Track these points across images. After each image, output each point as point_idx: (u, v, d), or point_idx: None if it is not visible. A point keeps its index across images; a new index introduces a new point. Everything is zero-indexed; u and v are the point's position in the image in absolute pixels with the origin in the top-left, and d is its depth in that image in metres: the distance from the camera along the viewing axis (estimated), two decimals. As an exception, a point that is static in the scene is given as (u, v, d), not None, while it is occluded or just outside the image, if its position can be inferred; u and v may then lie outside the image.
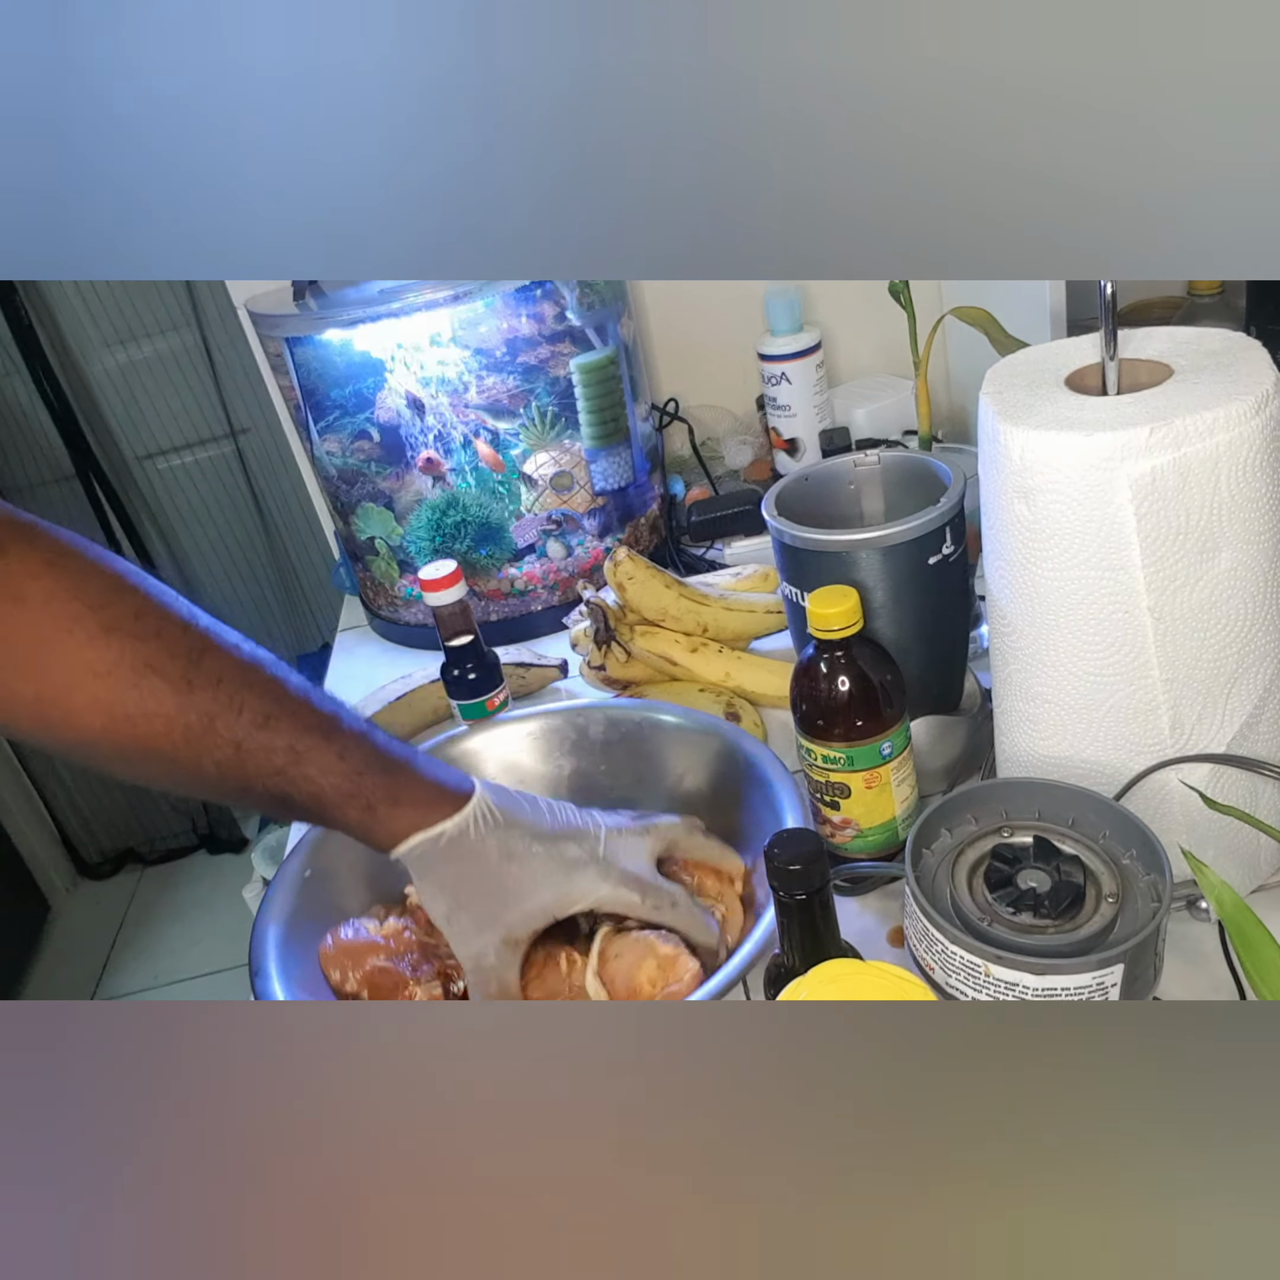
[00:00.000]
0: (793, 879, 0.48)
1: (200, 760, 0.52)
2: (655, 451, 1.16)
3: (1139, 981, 0.48)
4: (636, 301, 1.19)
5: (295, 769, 0.53)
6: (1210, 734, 0.56)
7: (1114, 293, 0.54)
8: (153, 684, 0.50)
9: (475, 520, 1.03)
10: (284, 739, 0.53)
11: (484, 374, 0.98)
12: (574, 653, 0.93)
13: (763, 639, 0.92)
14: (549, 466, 1.03)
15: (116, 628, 0.50)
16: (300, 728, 0.53)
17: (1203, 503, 0.51)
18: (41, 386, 1.88)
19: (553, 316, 0.99)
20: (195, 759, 0.51)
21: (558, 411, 1.02)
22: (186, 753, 0.51)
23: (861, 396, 1.19)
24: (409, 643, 1.11)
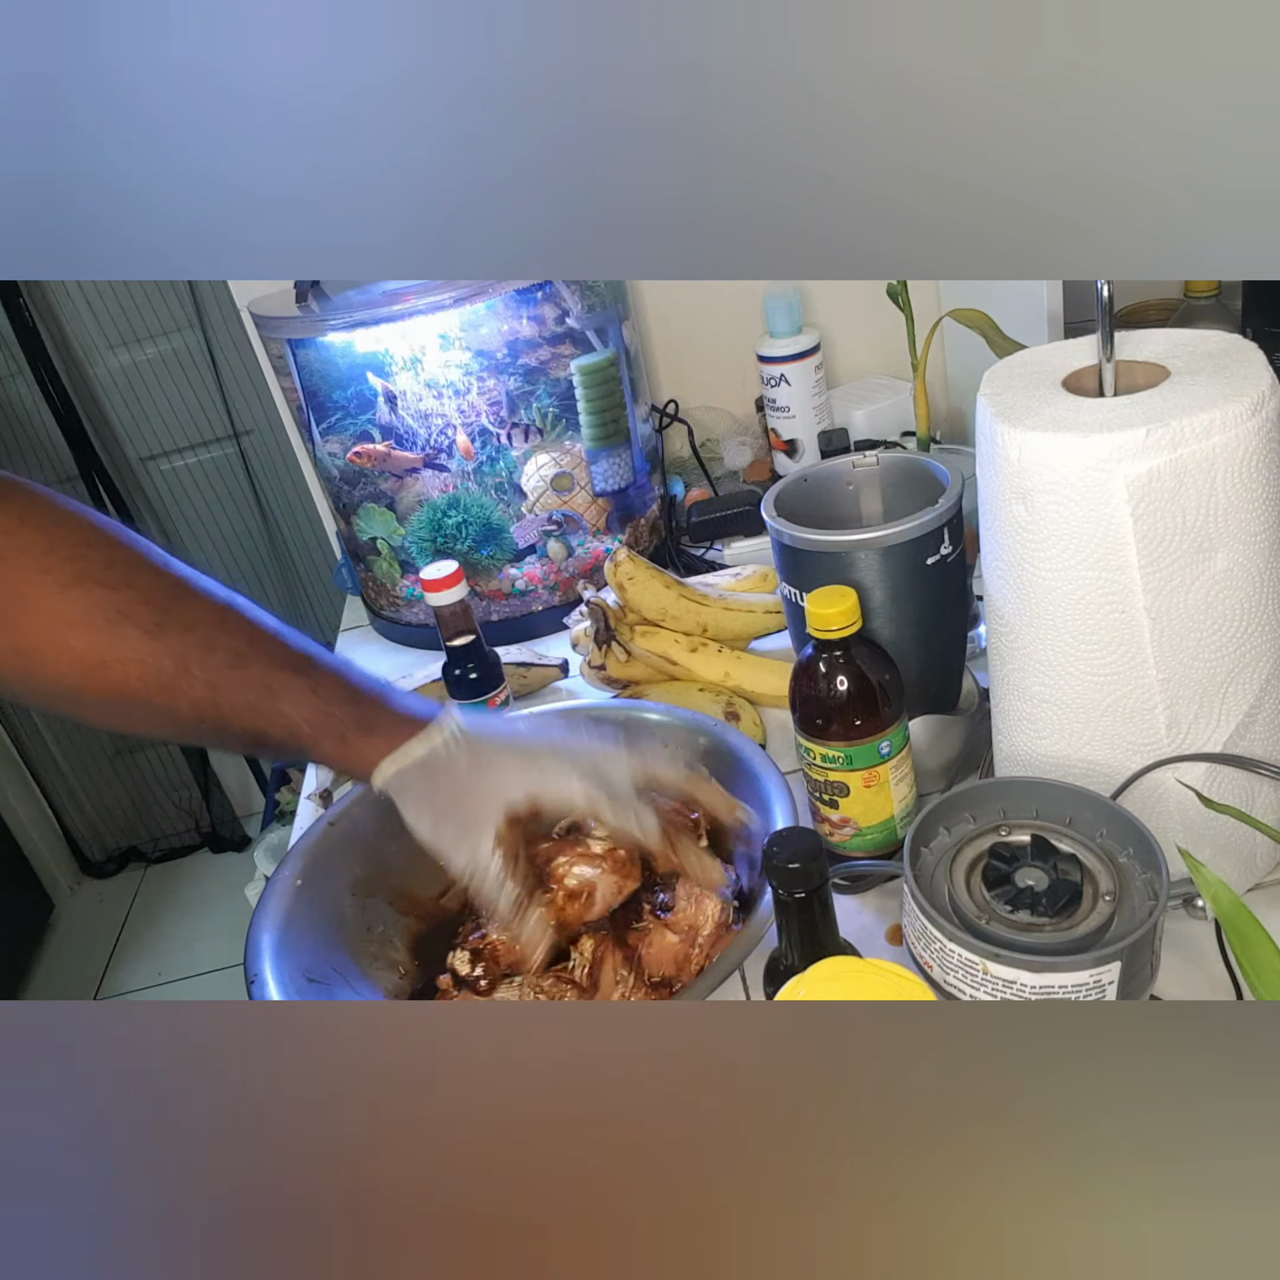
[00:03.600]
0: (792, 877, 0.48)
1: (176, 703, 0.53)
2: (655, 452, 1.17)
3: (1136, 979, 0.49)
4: (636, 303, 1.19)
5: (269, 704, 0.54)
6: (1206, 733, 0.56)
7: (1111, 294, 0.54)
8: (124, 631, 0.51)
9: (476, 521, 1.03)
10: (257, 676, 0.54)
11: (485, 375, 0.98)
12: (574, 653, 0.94)
13: (762, 639, 0.92)
14: (549, 467, 1.03)
15: (87, 577, 0.51)
16: (273, 665, 0.55)
17: (1199, 504, 0.51)
18: (45, 387, 1.88)
19: (553, 318, 0.99)
20: (171, 702, 0.53)
21: (558, 413, 1.02)
22: (161, 697, 0.52)
23: (860, 398, 1.20)
24: (410, 642, 1.11)
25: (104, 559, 0.52)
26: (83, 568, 0.51)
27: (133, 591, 0.52)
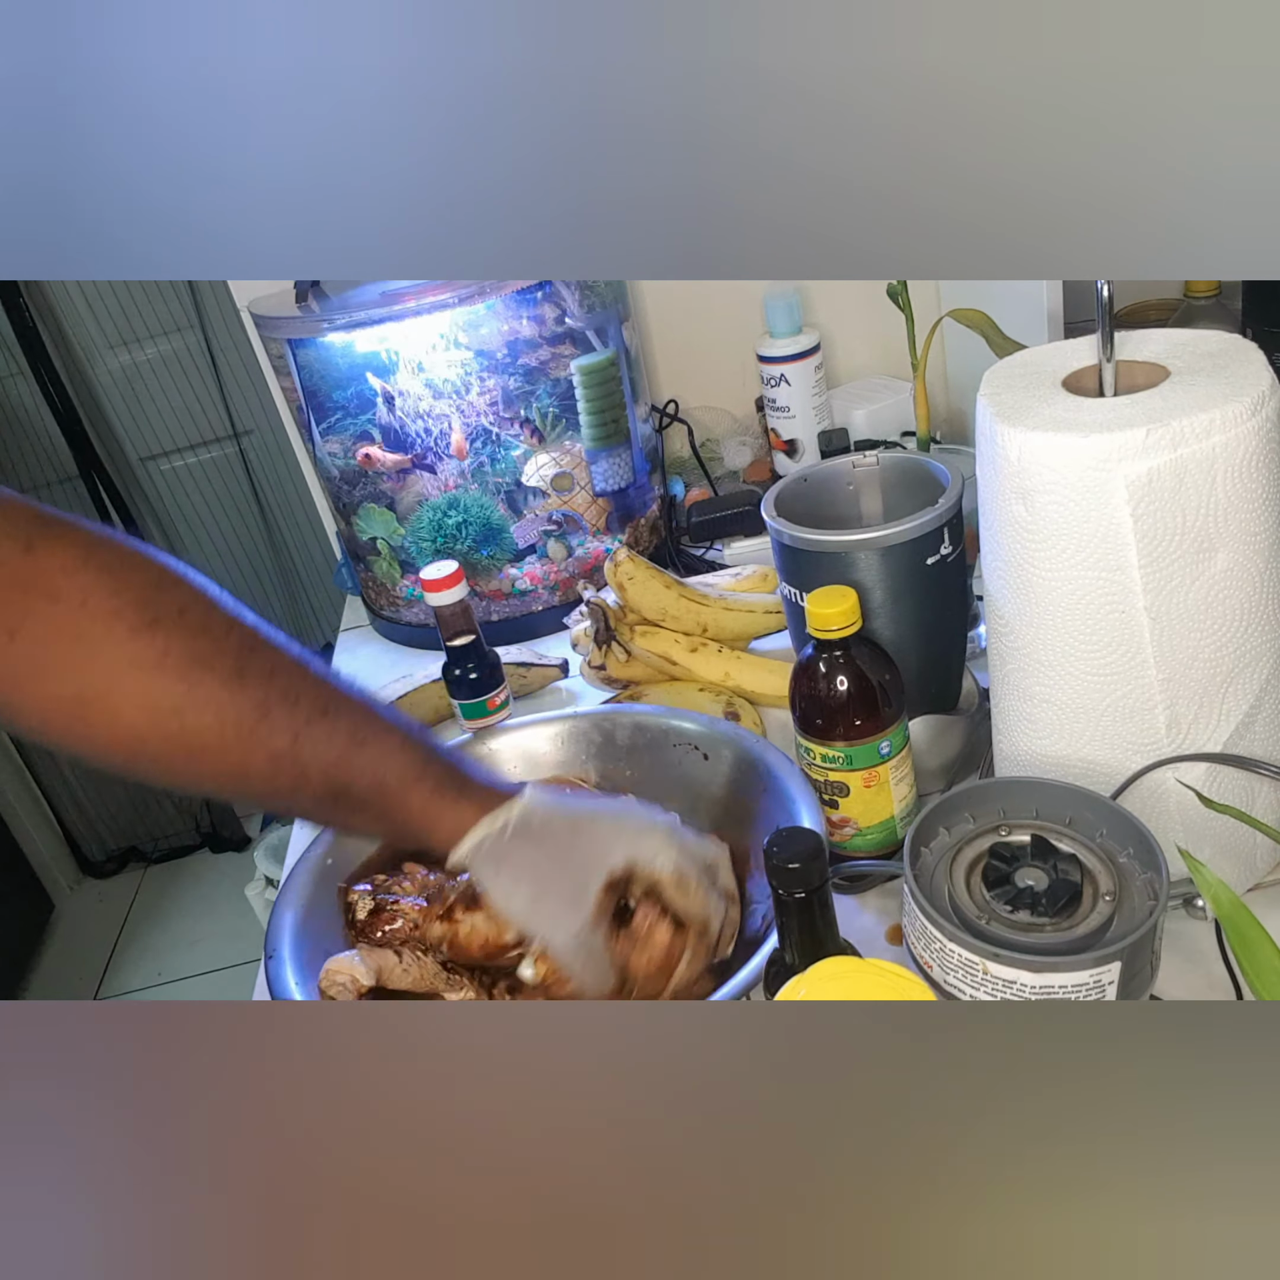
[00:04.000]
0: (792, 877, 0.48)
1: (252, 754, 0.50)
2: (655, 452, 1.17)
3: (1136, 979, 0.49)
4: (636, 303, 1.19)
5: (358, 754, 0.52)
6: (1206, 733, 0.56)
7: (1111, 294, 0.54)
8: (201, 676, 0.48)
9: (476, 521, 1.03)
10: (345, 724, 0.52)
11: (485, 375, 0.98)
12: (574, 652, 0.94)
13: (762, 639, 0.92)
14: (550, 467, 1.03)
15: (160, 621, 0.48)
16: (360, 716, 0.52)
17: (1199, 503, 0.51)
18: (45, 388, 1.88)
19: (553, 318, 0.99)
20: (246, 753, 0.50)
21: (558, 413, 1.02)
22: (237, 747, 0.49)
23: (860, 398, 1.20)
24: (410, 643, 1.11)
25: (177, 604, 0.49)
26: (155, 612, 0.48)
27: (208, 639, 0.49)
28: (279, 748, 0.50)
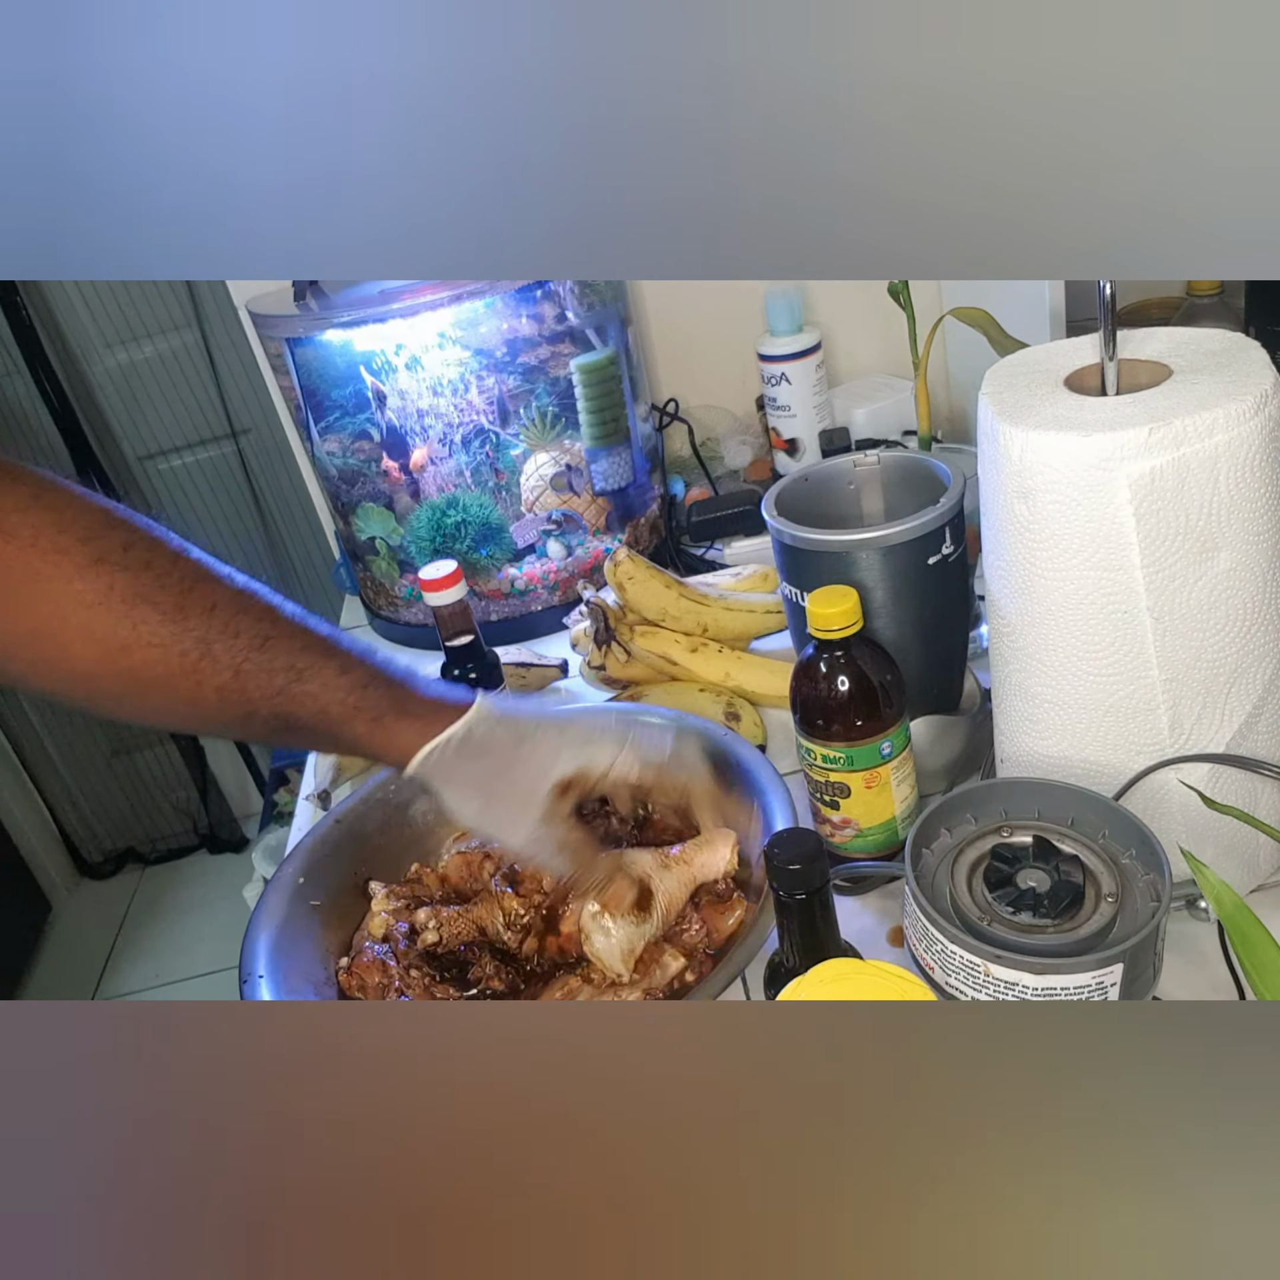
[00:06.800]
0: (792, 879, 0.48)
1: (200, 688, 0.52)
2: (655, 452, 1.16)
3: (1138, 981, 0.49)
4: (637, 302, 1.19)
5: (297, 686, 0.53)
6: (1209, 734, 0.56)
7: (1113, 293, 0.54)
8: (144, 613, 0.50)
9: (475, 520, 1.03)
10: (283, 658, 0.53)
11: (484, 374, 0.98)
12: (574, 653, 0.93)
13: (763, 639, 0.92)
14: (549, 466, 1.03)
15: (105, 559, 0.50)
16: (298, 647, 0.54)
17: (1202, 503, 0.51)
18: (42, 386, 1.88)
19: (553, 317, 0.99)
20: (194, 687, 0.51)
21: (558, 412, 1.02)
22: (185, 681, 0.51)
23: (861, 397, 1.19)
24: (409, 642, 1.11)
25: (121, 541, 0.51)
26: (100, 549, 0.50)
27: (151, 574, 0.51)
28: (223, 682, 0.52)
